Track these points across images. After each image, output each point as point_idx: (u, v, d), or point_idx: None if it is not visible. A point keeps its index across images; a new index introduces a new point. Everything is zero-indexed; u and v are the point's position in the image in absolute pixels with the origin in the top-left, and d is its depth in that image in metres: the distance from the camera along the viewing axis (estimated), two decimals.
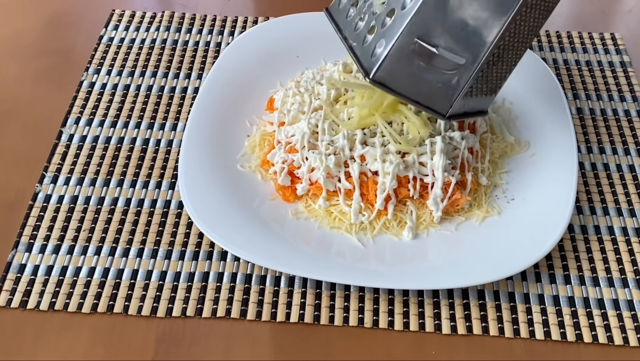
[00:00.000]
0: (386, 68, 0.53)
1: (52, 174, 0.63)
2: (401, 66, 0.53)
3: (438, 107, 0.55)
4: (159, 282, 0.56)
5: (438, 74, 0.54)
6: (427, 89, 0.54)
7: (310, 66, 0.71)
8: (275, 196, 0.61)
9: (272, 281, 0.56)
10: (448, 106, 0.55)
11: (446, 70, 0.53)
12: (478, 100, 0.57)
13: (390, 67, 0.53)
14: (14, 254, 0.57)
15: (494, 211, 0.60)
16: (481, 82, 0.55)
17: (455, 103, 0.55)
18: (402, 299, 0.55)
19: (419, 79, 0.54)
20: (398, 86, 0.54)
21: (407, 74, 0.54)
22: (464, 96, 0.55)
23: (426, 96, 0.55)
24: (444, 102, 0.55)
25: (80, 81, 0.72)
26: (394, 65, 0.53)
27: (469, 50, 0.53)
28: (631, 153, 0.67)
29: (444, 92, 0.55)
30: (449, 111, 0.55)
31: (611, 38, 0.80)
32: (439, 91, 0.54)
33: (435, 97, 0.55)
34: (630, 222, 0.61)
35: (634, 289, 0.56)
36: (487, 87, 0.56)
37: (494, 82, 0.56)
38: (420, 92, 0.55)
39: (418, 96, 0.55)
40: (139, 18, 0.80)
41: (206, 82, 0.69)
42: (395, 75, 0.54)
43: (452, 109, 0.55)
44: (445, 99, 0.55)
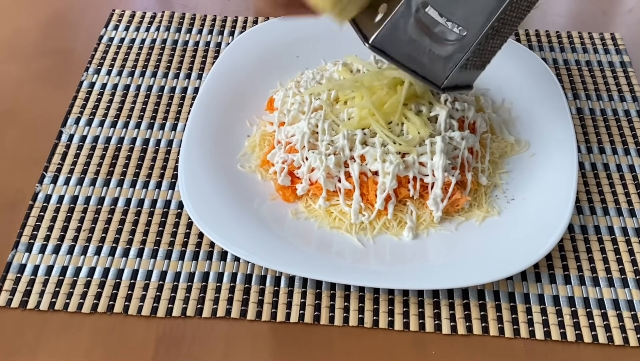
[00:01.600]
0: (386, 34, 0.53)
1: (52, 174, 0.63)
2: (402, 33, 0.53)
3: (434, 77, 0.55)
4: (159, 282, 0.56)
5: (438, 44, 0.53)
6: (425, 59, 0.54)
7: (310, 66, 0.71)
8: (275, 196, 0.61)
9: (272, 281, 0.56)
10: (444, 77, 0.55)
11: (446, 41, 0.53)
12: (469, 73, 0.57)
13: (390, 33, 0.53)
14: (14, 254, 0.57)
15: (494, 211, 0.60)
16: (477, 56, 0.55)
17: (451, 75, 0.55)
18: (402, 299, 0.55)
19: (418, 48, 0.53)
20: (396, 53, 0.54)
21: (407, 42, 0.53)
22: (459, 68, 0.54)
23: (423, 65, 0.54)
24: (440, 73, 0.55)
25: (80, 81, 0.72)
26: (394, 32, 0.53)
27: (471, 22, 0.52)
28: (631, 153, 0.67)
29: (441, 63, 0.54)
30: (444, 82, 0.55)
31: (611, 38, 0.80)
32: (436, 62, 0.54)
33: (432, 68, 0.54)
34: (630, 222, 0.61)
35: (634, 289, 0.57)
36: (480, 60, 0.56)
37: (487, 55, 0.57)
38: (417, 61, 0.54)
39: (415, 65, 0.54)
40: (139, 18, 0.80)
41: (206, 82, 0.69)
42: (395, 42, 0.53)
43: (447, 80, 0.55)
44: (441, 70, 0.55)
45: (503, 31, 0.55)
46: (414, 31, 0.53)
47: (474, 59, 0.55)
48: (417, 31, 0.53)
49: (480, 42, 0.53)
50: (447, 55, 0.54)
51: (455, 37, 0.53)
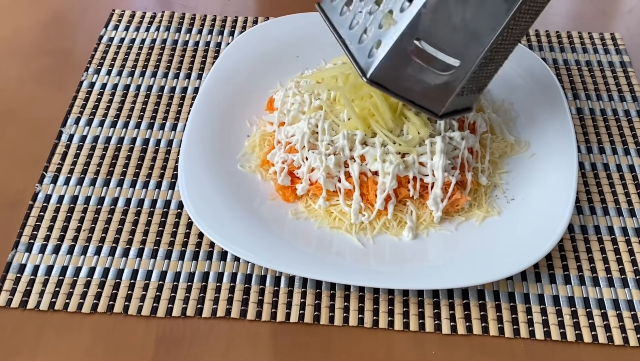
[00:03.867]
0: (383, 68, 0.54)
1: (52, 174, 0.63)
2: (398, 66, 0.54)
3: (432, 106, 0.56)
4: (159, 282, 0.56)
5: (433, 75, 0.54)
6: (422, 89, 0.55)
7: (310, 66, 0.71)
8: (275, 196, 0.61)
9: (272, 281, 0.56)
10: (442, 105, 0.56)
11: (441, 71, 0.54)
12: (467, 98, 0.58)
13: (387, 67, 0.54)
14: (14, 254, 0.57)
15: (494, 211, 0.60)
16: (472, 82, 0.56)
17: (448, 103, 0.56)
18: (402, 299, 0.55)
19: (415, 79, 0.55)
20: (394, 86, 0.55)
21: (404, 74, 0.55)
22: (456, 95, 0.56)
23: (421, 95, 0.56)
24: (437, 101, 0.56)
25: (80, 81, 0.72)
26: (391, 65, 0.54)
27: (464, 52, 0.53)
28: (631, 153, 0.67)
29: (438, 92, 0.55)
30: (442, 110, 0.56)
31: (611, 38, 0.80)
32: (433, 91, 0.55)
33: (429, 97, 0.56)
34: (630, 222, 0.61)
35: (634, 289, 0.57)
36: (476, 86, 0.57)
37: (482, 81, 0.58)
38: (415, 92, 0.56)
39: (413, 96, 0.56)
40: (139, 18, 0.80)
41: (206, 82, 0.69)
42: (392, 75, 0.55)
43: (445, 108, 0.56)
44: (439, 98, 0.56)
45: (497, 58, 0.56)
46: (410, 65, 0.54)
47: (470, 85, 0.56)
48: (412, 64, 0.54)
49: (475, 70, 0.54)
50: (443, 85, 0.55)
51: (449, 67, 0.54)
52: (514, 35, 0.55)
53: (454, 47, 0.53)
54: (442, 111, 0.56)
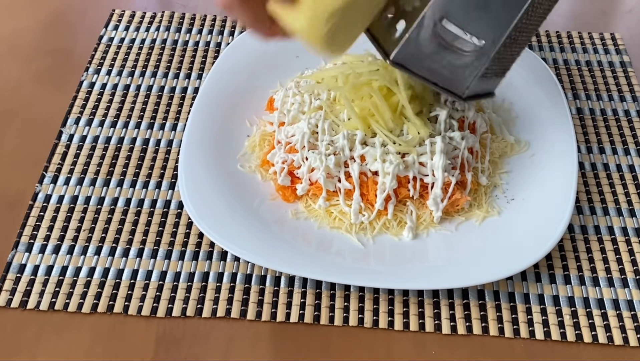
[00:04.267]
0: (406, 50, 0.53)
1: (52, 174, 0.63)
2: (421, 47, 0.53)
3: (455, 88, 0.55)
4: (159, 282, 0.56)
5: (457, 55, 0.53)
6: (446, 70, 0.54)
7: (310, 66, 0.71)
8: (275, 196, 0.61)
9: (272, 281, 0.56)
10: (465, 87, 0.55)
11: (465, 52, 0.53)
12: (490, 81, 0.57)
13: (410, 49, 0.53)
14: (14, 254, 0.57)
15: (494, 211, 0.60)
16: (496, 64, 0.55)
17: (472, 85, 0.55)
18: (402, 299, 0.55)
19: (438, 60, 0.54)
20: (417, 68, 0.54)
21: (427, 55, 0.53)
22: (480, 77, 0.55)
23: (444, 77, 0.55)
24: (461, 83, 0.55)
25: (80, 81, 0.72)
26: (414, 47, 0.53)
27: (488, 32, 0.52)
28: (631, 153, 0.67)
29: (462, 74, 0.54)
30: (465, 92, 0.55)
31: (611, 38, 0.80)
32: (457, 73, 0.54)
33: (453, 79, 0.55)
34: (630, 222, 0.61)
35: (634, 289, 0.57)
36: (500, 68, 0.56)
37: (506, 63, 0.56)
38: (438, 73, 0.54)
39: (436, 78, 0.55)
40: (139, 18, 0.80)
41: (206, 82, 0.69)
42: (415, 57, 0.53)
43: (469, 90, 0.55)
44: (462, 80, 0.55)
45: (520, 39, 0.55)
46: (433, 45, 0.53)
47: (494, 67, 0.55)
48: (435, 45, 0.53)
49: (499, 51, 0.53)
50: (467, 66, 0.54)
51: (473, 48, 0.53)
52: (537, 14, 0.54)
53: (478, 26, 0.52)
54: (466, 93, 0.55)
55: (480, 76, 0.54)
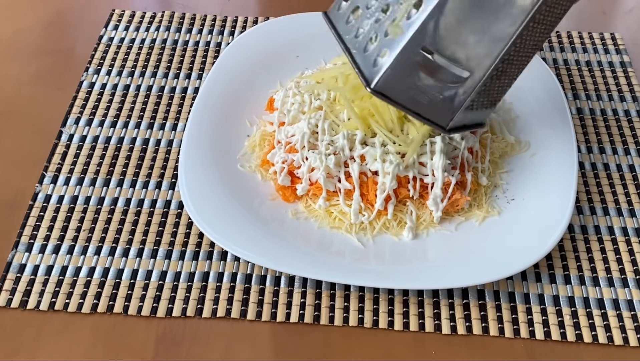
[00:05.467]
0: (388, 78, 0.52)
1: (52, 174, 0.63)
2: (403, 76, 0.52)
3: (439, 120, 0.54)
4: (159, 282, 0.56)
5: (440, 86, 0.52)
6: (428, 101, 0.53)
7: (310, 66, 0.71)
8: (275, 196, 0.61)
9: (272, 281, 0.56)
10: (449, 119, 0.54)
11: (449, 83, 0.52)
12: (478, 113, 0.56)
13: (392, 77, 0.52)
14: (14, 254, 0.57)
15: (494, 211, 0.60)
16: (483, 96, 0.54)
17: (456, 116, 0.54)
18: (402, 299, 0.55)
19: (421, 90, 0.53)
20: (399, 97, 0.53)
21: (409, 85, 0.53)
22: (465, 109, 0.54)
23: (427, 108, 0.54)
24: (445, 114, 0.54)
25: (80, 81, 0.72)
26: (396, 75, 0.52)
27: (473, 63, 0.51)
28: (631, 153, 0.67)
29: (446, 105, 0.53)
30: (449, 123, 0.54)
31: (611, 38, 0.80)
32: (440, 104, 0.53)
33: (436, 110, 0.54)
34: (630, 222, 0.61)
35: (634, 289, 0.57)
36: (487, 100, 0.55)
37: (494, 95, 0.56)
38: (421, 104, 0.53)
39: (419, 108, 0.54)
40: (139, 18, 0.80)
41: (206, 82, 0.69)
42: (397, 86, 0.53)
43: (453, 122, 0.54)
44: (446, 111, 0.54)
45: (510, 70, 0.54)
46: (416, 75, 0.52)
47: (481, 99, 0.54)
48: (418, 75, 0.52)
49: (485, 83, 0.52)
50: (451, 97, 0.53)
51: (457, 79, 0.52)
52: (528, 46, 0.53)
53: (463, 57, 0.51)
54: (449, 125, 0.54)
55: (465, 108, 0.53)
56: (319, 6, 0.80)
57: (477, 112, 0.56)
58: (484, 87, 0.53)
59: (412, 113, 0.54)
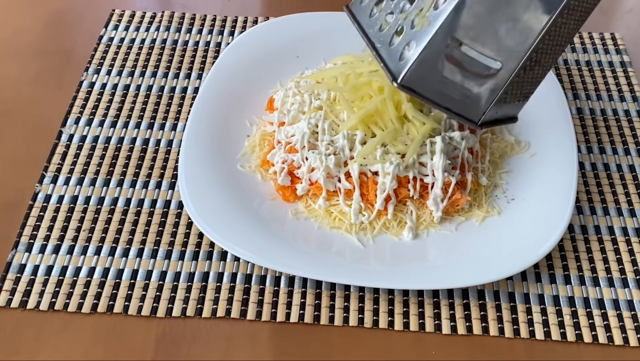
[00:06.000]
0: (415, 72, 0.50)
1: (52, 174, 0.63)
2: (432, 70, 0.50)
3: (470, 114, 0.52)
4: (159, 282, 0.56)
5: (471, 79, 0.50)
6: (459, 95, 0.51)
7: (310, 66, 0.71)
8: (275, 196, 0.61)
9: (272, 281, 0.56)
10: (481, 113, 0.52)
11: (480, 75, 0.50)
12: (511, 106, 0.54)
13: (420, 71, 0.50)
14: (14, 254, 0.57)
15: (494, 211, 0.60)
16: (516, 88, 0.52)
17: (489, 110, 0.52)
18: (402, 299, 0.55)
19: (450, 84, 0.50)
20: (427, 92, 0.51)
21: (438, 79, 0.50)
22: (498, 102, 0.51)
23: (457, 102, 0.51)
24: (476, 109, 0.52)
25: (80, 81, 0.72)
26: (424, 69, 0.50)
27: (506, 54, 0.49)
28: (631, 153, 0.67)
29: (477, 99, 0.51)
30: (481, 118, 0.52)
31: (611, 38, 0.80)
32: (471, 98, 0.51)
33: (467, 104, 0.51)
34: (631, 222, 0.61)
35: (634, 289, 0.56)
36: (521, 93, 0.53)
37: (528, 87, 0.53)
38: (450, 98, 0.51)
39: (448, 102, 0.51)
40: (139, 18, 0.80)
41: (206, 82, 0.69)
42: (425, 80, 0.50)
43: (485, 116, 0.52)
44: (477, 106, 0.51)
45: (544, 61, 0.51)
46: (445, 67, 0.50)
47: (514, 91, 0.52)
48: (447, 67, 0.50)
49: (519, 74, 0.50)
50: (482, 90, 0.51)
51: (489, 71, 0.50)
52: (562, 35, 0.50)
53: (494, 47, 0.49)
54: (481, 120, 0.52)
55: (497, 101, 0.51)
56: (319, 6, 0.80)
57: (510, 106, 0.54)
58: (517, 78, 0.50)
59: (441, 108, 0.52)
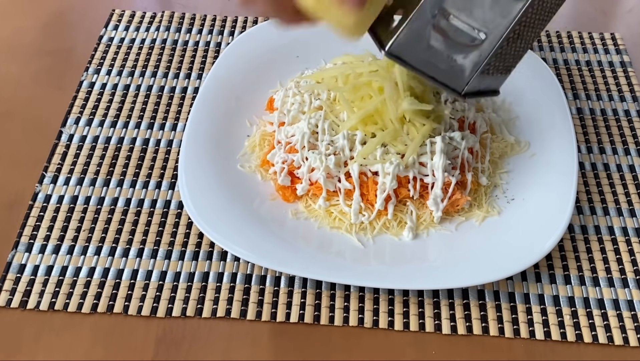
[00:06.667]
0: (403, 41, 0.51)
1: (52, 174, 0.63)
2: (419, 39, 0.51)
3: (454, 84, 0.53)
4: (158, 282, 0.56)
5: (456, 49, 0.52)
6: (444, 64, 0.53)
7: (310, 66, 0.71)
8: (275, 196, 0.61)
9: (272, 281, 0.56)
10: (464, 83, 0.53)
11: (465, 45, 0.51)
12: (493, 79, 0.55)
13: (407, 40, 0.51)
14: (14, 254, 0.57)
15: (494, 211, 0.60)
16: (499, 60, 0.53)
17: (472, 81, 0.53)
18: (402, 299, 0.55)
19: (436, 53, 0.52)
20: (414, 60, 0.53)
21: (424, 48, 0.52)
22: (481, 73, 0.53)
23: (442, 71, 0.53)
24: (460, 79, 0.53)
25: (80, 81, 0.72)
26: (411, 38, 0.51)
27: (490, 25, 0.51)
28: (631, 153, 0.67)
29: (461, 69, 0.53)
30: (464, 88, 0.54)
31: (611, 38, 0.80)
32: (455, 67, 0.53)
33: (451, 74, 0.53)
34: (631, 222, 0.61)
35: (634, 289, 0.57)
36: (503, 65, 0.54)
37: (510, 60, 0.54)
38: (436, 67, 0.53)
39: (434, 72, 0.53)
40: (139, 18, 0.80)
41: (206, 82, 0.69)
42: (412, 48, 0.52)
43: (468, 86, 0.53)
44: (461, 75, 0.53)
45: (526, 35, 0.53)
46: (431, 37, 0.51)
47: (497, 63, 0.53)
48: (434, 36, 0.51)
49: (502, 46, 0.51)
50: (467, 60, 0.52)
51: (474, 41, 0.51)
52: (545, 9, 0.52)
53: (480, 18, 0.50)
54: (465, 90, 0.53)
55: (481, 72, 0.53)
56: None
57: (492, 78, 0.55)
58: (501, 50, 0.52)
59: (427, 77, 0.53)
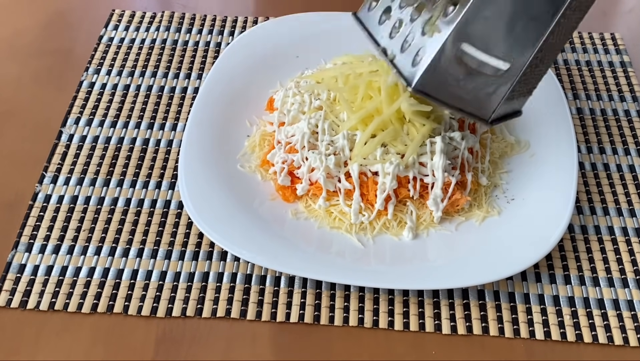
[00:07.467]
0: (428, 77, 0.51)
1: (52, 174, 0.63)
2: (444, 73, 0.52)
3: (481, 113, 0.54)
4: (158, 282, 0.56)
5: (481, 80, 0.52)
6: (470, 95, 0.53)
7: (310, 66, 0.71)
8: (275, 196, 0.61)
9: (272, 281, 0.56)
10: (491, 111, 0.54)
11: (490, 75, 0.52)
12: (516, 102, 0.56)
13: (432, 75, 0.51)
14: (13, 254, 0.57)
15: (494, 211, 0.60)
16: (522, 85, 0.54)
17: (498, 108, 0.54)
18: (402, 299, 0.55)
19: (462, 86, 0.52)
20: (440, 94, 0.53)
21: (450, 81, 0.52)
22: (506, 100, 0.53)
23: (468, 102, 0.53)
24: (486, 108, 0.54)
25: (80, 81, 0.72)
26: (437, 73, 0.51)
27: (513, 54, 0.51)
28: (631, 153, 0.67)
29: (487, 98, 0.53)
30: (491, 115, 0.54)
31: (611, 38, 0.80)
32: (481, 97, 0.53)
33: (477, 104, 0.53)
34: (631, 222, 0.61)
35: (634, 289, 0.57)
36: (526, 88, 0.55)
37: (533, 82, 0.55)
38: (462, 99, 0.53)
39: (461, 103, 0.53)
40: (139, 18, 0.80)
41: (206, 82, 0.69)
42: (438, 83, 0.52)
43: (494, 114, 0.54)
44: (488, 104, 0.53)
45: (547, 58, 0.53)
46: (456, 71, 0.51)
47: (520, 88, 0.54)
48: (459, 70, 0.51)
49: (525, 73, 0.52)
50: (492, 89, 0.53)
51: (499, 71, 0.52)
52: (563, 33, 0.52)
53: (502, 49, 0.51)
54: (491, 117, 0.54)
55: (506, 99, 0.53)
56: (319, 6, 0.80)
57: (516, 101, 0.56)
58: (524, 77, 0.52)
59: (454, 109, 0.54)
